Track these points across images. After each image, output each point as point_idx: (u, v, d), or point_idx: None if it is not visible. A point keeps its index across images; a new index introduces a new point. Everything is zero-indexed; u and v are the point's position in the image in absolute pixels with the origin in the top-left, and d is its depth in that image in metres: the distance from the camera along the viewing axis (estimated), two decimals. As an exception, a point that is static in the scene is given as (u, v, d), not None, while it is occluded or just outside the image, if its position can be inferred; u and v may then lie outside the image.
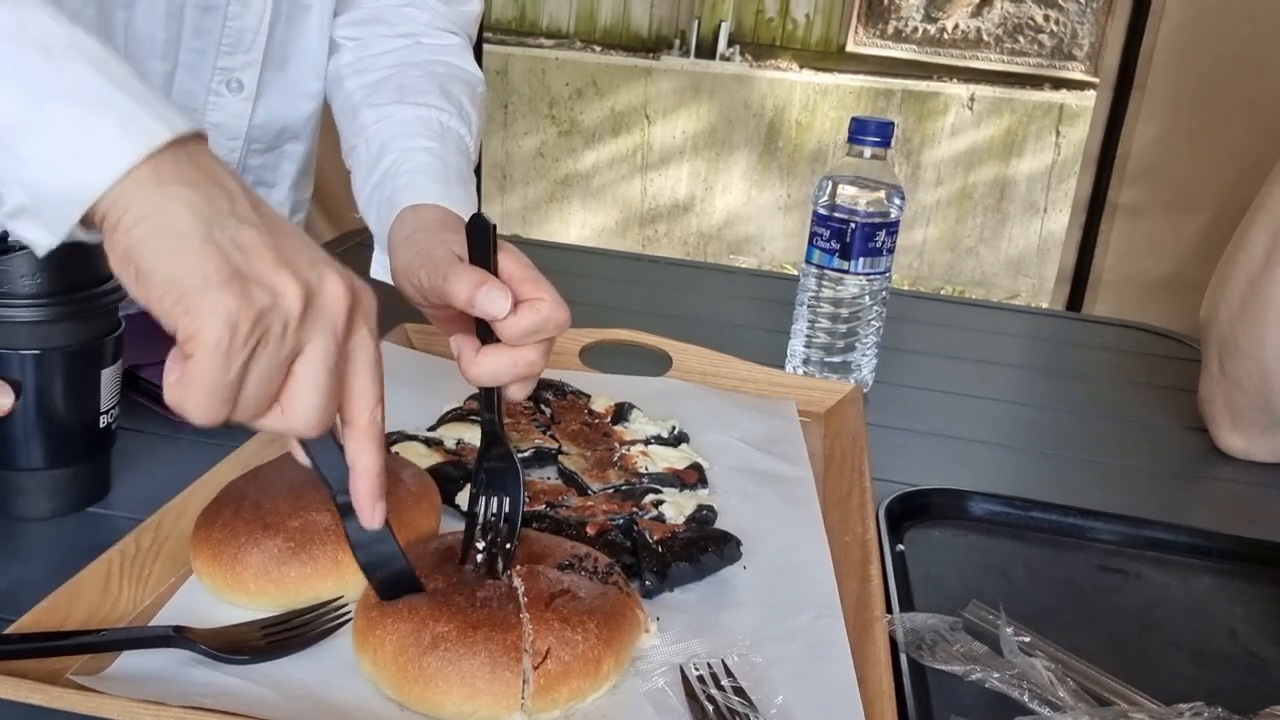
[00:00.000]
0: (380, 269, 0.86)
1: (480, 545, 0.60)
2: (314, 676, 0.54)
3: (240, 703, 0.51)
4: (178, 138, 0.47)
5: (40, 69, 0.46)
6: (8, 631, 0.52)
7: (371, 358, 0.51)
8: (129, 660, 0.54)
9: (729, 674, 0.55)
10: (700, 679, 0.55)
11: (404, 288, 0.71)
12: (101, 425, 0.69)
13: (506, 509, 0.61)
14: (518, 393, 0.63)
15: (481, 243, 0.62)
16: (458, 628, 0.52)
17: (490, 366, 0.61)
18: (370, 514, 0.53)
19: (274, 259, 0.46)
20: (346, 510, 0.54)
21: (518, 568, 0.57)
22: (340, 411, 0.51)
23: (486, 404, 0.62)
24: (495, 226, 0.61)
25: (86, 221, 0.47)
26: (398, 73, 0.94)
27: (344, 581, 0.59)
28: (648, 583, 0.63)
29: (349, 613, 0.58)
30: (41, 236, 0.48)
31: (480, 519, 0.61)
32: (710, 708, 0.53)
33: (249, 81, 0.91)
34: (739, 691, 0.54)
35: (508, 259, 0.62)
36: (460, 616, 0.53)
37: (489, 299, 0.59)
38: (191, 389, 0.46)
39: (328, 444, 0.52)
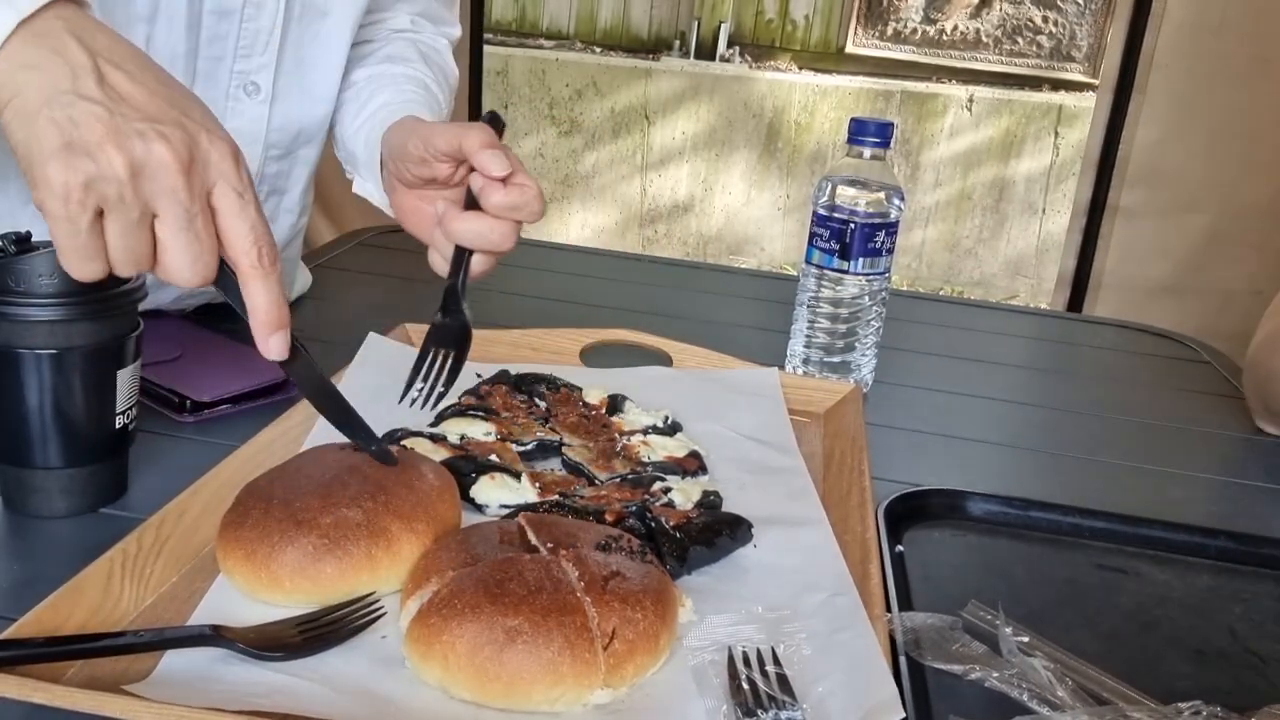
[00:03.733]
0: (361, 188, 0.93)
1: (419, 386, 0.71)
2: (358, 670, 0.55)
3: (296, 700, 0.51)
4: (24, 19, 0.51)
5: None
6: (8, 632, 0.52)
7: (234, 206, 0.55)
8: (169, 663, 0.54)
9: (776, 661, 0.56)
10: (745, 659, 0.56)
11: (399, 156, 0.78)
12: (118, 426, 0.68)
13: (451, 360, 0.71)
14: (480, 264, 0.73)
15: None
16: (528, 618, 0.53)
17: (471, 225, 0.70)
18: (266, 346, 0.58)
19: (103, 131, 0.50)
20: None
21: (564, 551, 0.58)
22: (227, 258, 0.56)
23: (455, 266, 0.71)
24: (504, 124, 0.73)
25: None
26: (385, 45, 1.02)
27: (378, 577, 0.60)
28: (668, 566, 0.64)
29: (382, 607, 0.59)
30: None
31: (426, 364, 0.71)
32: (748, 689, 0.54)
33: (265, 84, 0.91)
34: (781, 679, 0.55)
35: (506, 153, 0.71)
36: (525, 606, 0.54)
37: (493, 158, 0.69)
38: (59, 252, 0.53)
39: (233, 284, 0.56)
